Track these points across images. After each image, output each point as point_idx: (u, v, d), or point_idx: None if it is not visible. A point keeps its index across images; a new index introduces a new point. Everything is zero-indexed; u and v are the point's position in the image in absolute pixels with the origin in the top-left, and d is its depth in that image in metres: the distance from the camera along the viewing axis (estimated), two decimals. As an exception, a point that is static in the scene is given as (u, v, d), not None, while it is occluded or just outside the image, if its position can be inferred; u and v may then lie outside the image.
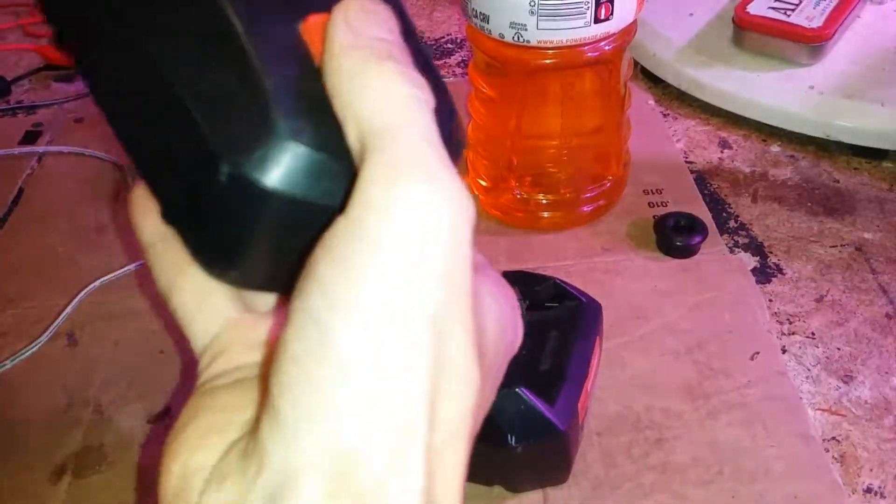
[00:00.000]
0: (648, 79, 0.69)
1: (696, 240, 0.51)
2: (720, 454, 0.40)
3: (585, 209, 0.54)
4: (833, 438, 0.41)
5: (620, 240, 0.53)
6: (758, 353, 0.45)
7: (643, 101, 0.66)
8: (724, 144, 0.62)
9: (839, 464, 0.40)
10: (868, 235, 0.53)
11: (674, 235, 0.51)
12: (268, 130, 0.18)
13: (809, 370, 0.45)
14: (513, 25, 0.45)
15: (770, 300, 0.49)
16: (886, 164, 0.59)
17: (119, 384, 0.45)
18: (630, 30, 0.48)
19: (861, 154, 0.60)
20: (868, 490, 0.39)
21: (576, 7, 0.44)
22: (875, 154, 0.59)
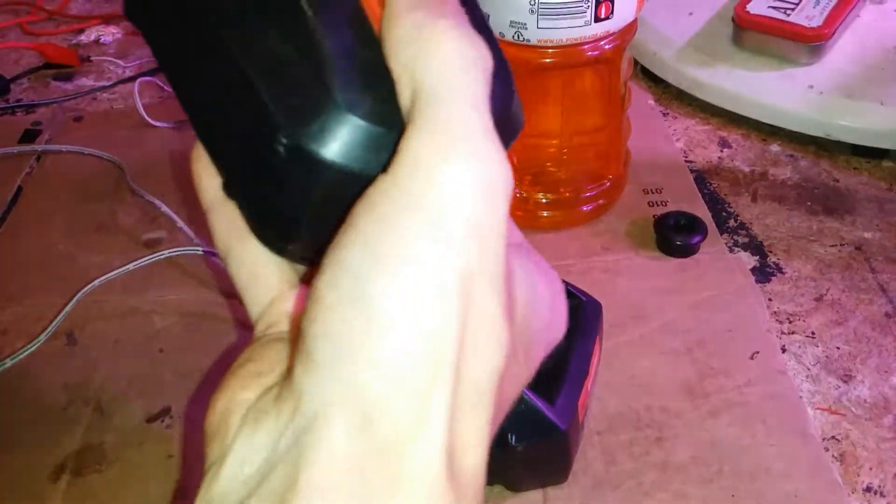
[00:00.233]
0: (648, 78, 0.69)
1: (696, 239, 0.51)
2: (720, 453, 0.40)
3: (585, 208, 0.54)
4: (833, 437, 0.41)
5: (620, 239, 0.53)
6: (757, 353, 0.45)
7: (643, 101, 0.66)
8: (724, 144, 0.62)
9: (839, 463, 0.40)
10: (868, 235, 0.53)
11: (674, 235, 0.51)
12: (327, 102, 0.18)
13: (809, 369, 0.45)
14: (513, 24, 0.45)
15: (770, 299, 0.49)
16: (886, 164, 0.59)
17: (119, 383, 0.45)
18: (630, 29, 0.48)
19: (861, 154, 0.60)
20: (868, 489, 0.39)
21: (576, 6, 0.44)
22: (875, 154, 0.59)
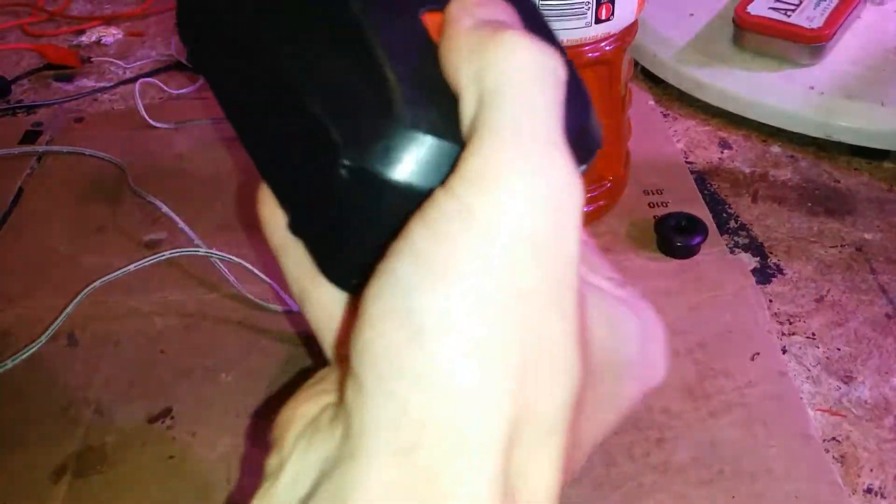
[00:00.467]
0: (649, 79, 0.69)
1: (697, 240, 0.51)
2: (720, 454, 0.40)
3: (586, 209, 0.53)
4: (833, 439, 0.41)
5: (621, 240, 0.53)
6: (758, 354, 0.45)
7: (643, 102, 0.66)
8: (725, 144, 0.62)
9: (839, 464, 0.40)
10: (868, 236, 0.53)
11: (674, 236, 0.51)
12: (389, 120, 0.18)
13: (809, 370, 0.45)
14: (513, 25, 0.45)
15: (770, 300, 0.49)
16: (886, 165, 0.59)
17: (119, 384, 0.45)
18: (631, 30, 0.48)
19: (861, 154, 0.60)
20: (868, 490, 0.39)
21: (576, 7, 0.44)
22: (875, 154, 0.59)
